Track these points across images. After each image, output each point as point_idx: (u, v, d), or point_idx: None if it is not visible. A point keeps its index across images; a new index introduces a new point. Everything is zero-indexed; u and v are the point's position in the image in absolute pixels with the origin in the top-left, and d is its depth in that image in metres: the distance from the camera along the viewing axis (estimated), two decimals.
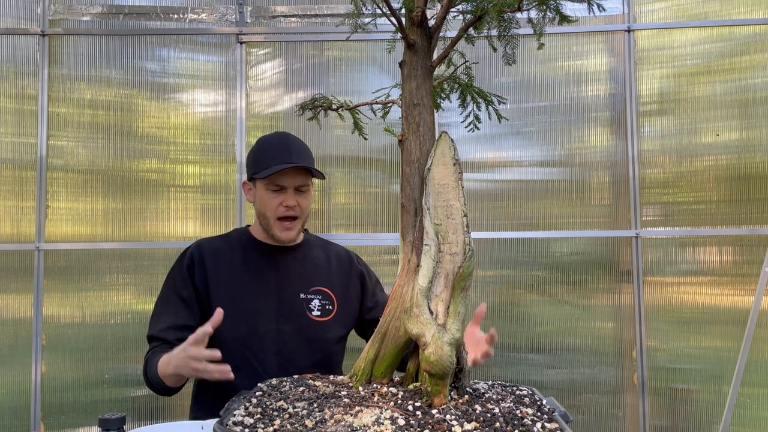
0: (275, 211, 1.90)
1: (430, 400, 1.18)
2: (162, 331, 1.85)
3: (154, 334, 1.88)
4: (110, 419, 1.34)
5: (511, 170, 2.94)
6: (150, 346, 1.88)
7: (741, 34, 2.86)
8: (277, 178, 1.88)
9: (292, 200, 1.89)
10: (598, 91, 2.93)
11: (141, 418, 2.81)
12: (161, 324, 1.87)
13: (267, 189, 1.90)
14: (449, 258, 1.25)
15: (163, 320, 1.87)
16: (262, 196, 1.92)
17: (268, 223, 1.92)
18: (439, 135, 1.33)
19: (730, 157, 2.84)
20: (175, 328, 1.86)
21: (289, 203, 1.89)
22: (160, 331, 1.86)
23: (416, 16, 1.34)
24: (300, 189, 1.92)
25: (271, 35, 2.96)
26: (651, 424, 2.82)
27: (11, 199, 2.85)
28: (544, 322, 2.89)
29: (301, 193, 1.92)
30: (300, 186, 1.91)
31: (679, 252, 2.87)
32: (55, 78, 2.89)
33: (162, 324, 1.87)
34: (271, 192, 1.90)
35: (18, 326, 2.81)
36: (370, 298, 2.06)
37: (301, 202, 1.91)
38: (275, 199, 1.89)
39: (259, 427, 1.10)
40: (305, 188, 1.93)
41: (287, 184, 1.89)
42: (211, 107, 2.94)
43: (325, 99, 1.56)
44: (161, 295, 1.94)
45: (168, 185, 2.91)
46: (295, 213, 1.90)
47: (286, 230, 1.91)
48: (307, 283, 1.95)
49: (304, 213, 1.94)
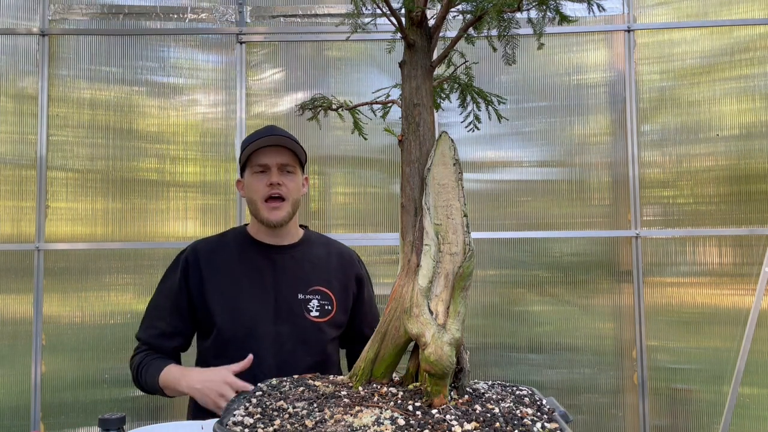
0: (261, 193, 1.88)
1: (430, 400, 1.18)
2: (153, 337, 1.89)
3: (144, 338, 1.91)
4: (110, 419, 1.34)
5: (511, 170, 2.94)
6: (138, 348, 1.92)
7: (741, 34, 2.86)
8: (259, 157, 1.88)
9: (276, 177, 1.88)
10: (597, 91, 2.93)
11: (141, 418, 2.81)
12: (152, 330, 1.90)
13: (252, 173, 1.91)
14: (449, 258, 1.25)
15: (155, 326, 1.90)
16: (249, 182, 1.92)
17: (256, 208, 1.91)
18: (439, 135, 1.33)
19: (730, 157, 2.84)
20: (165, 336, 1.88)
21: (273, 180, 1.87)
22: (151, 337, 1.90)
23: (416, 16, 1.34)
24: (285, 169, 1.90)
25: (271, 35, 2.96)
26: (651, 424, 2.82)
27: (11, 199, 2.85)
28: (544, 322, 2.89)
29: (287, 174, 1.91)
30: (284, 165, 1.90)
31: (679, 252, 2.87)
32: (54, 78, 2.89)
33: (153, 330, 1.90)
34: (257, 174, 1.90)
35: (18, 326, 2.81)
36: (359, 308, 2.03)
37: (286, 182, 1.90)
38: (260, 181, 1.89)
39: (259, 427, 1.10)
40: (291, 168, 1.92)
41: (269, 161, 1.88)
42: (210, 107, 2.94)
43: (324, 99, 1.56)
44: (155, 297, 1.95)
45: (168, 185, 2.91)
46: (281, 192, 1.88)
47: (274, 210, 1.88)
48: (305, 284, 1.93)
49: (291, 195, 1.91)
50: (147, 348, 1.90)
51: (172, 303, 1.89)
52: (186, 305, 1.89)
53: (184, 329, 1.91)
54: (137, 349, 1.92)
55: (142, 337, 1.91)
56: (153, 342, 1.89)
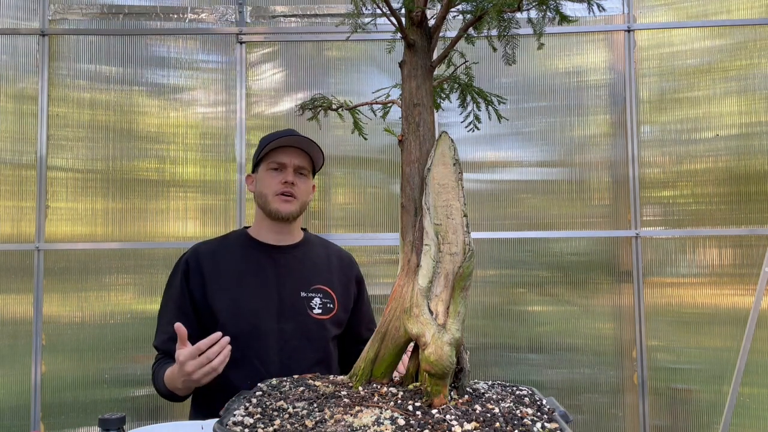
0: (274, 188, 1.92)
1: (430, 400, 1.18)
2: (164, 342, 1.90)
3: (157, 346, 1.93)
4: (110, 419, 1.34)
5: (511, 170, 2.94)
6: (156, 357, 1.94)
7: (741, 34, 2.86)
8: (278, 155, 1.92)
9: (291, 177, 1.92)
10: (597, 91, 2.93)
11: (141, 418, 2.81)
12: (163, 335, 1.91)
13: (268, 169, 1.94)
14: (449, 258, 1.25)
15: (165, 331, 1.91)
16: (262, 177, 1.95)
17: (266, 201, 1.93)
18: (439, 135, 1.33)
19: (730, 157, 2.84)
20: (174, 340, 1.87)
21: (288, 179, 1.91)
22: (162, 343, 1.90)
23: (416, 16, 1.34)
24: (300, 171, 1.95)
25: (271, 35, 2.96)
26: (651, 424, 2.82)
27: (11, 199, 2.85)
28: (544, 322, 2.89)
29: (300, 176, 1.95)
30: (300, 167, 1.94)
31: (679, 252, 2.87)
32: (54, 78, 2.89)
33: (163, 335, 1.91)
34: (272, 171, 1.93)
35: (18, 326, 2.81)
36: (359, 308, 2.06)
37: (299, 183, 1.94)
38: (275, 178, 1.93)
39: (259, 427, 1.10)
40: (305, 171, 1.96)
41: (287, 161, 1.92)
42: (210, 107, 2.94)
43: (325, 99, 1.56)
44: (162, 303, 1.97)
45: (168, 185, 2.91)
46: (293, 191, 1.92)
47: (285, 202, 1.92)
48: (307, 282, 1.95)
49: (301, 196, 1.95)
50: (162, 355, 1.91)
51: (177, 307, 1.90)
52: (190, 308, 1.90)
53: (190, 331, 1.90)
54: (155, 359, 1.93)
55: (156, 345, 1.92)
56: (165, 348, 1.89)
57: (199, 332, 1.91)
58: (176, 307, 1.90)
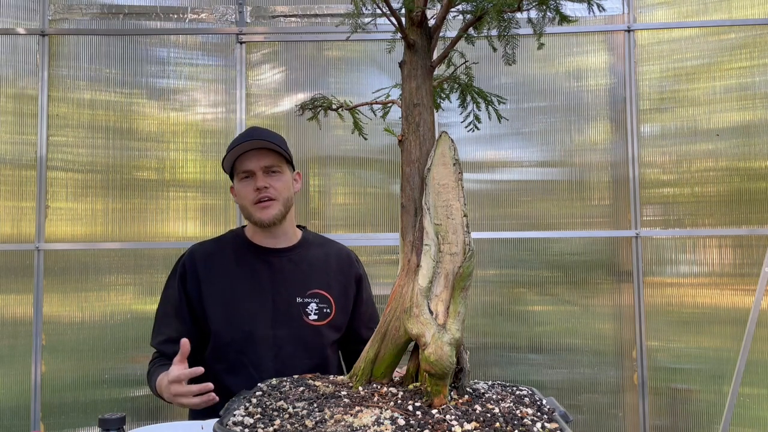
0: (250, 198, 1.88)
1: (430, 400, 1.18)
2: (160, 344, 1.91)
3: (154, 345, 1.94)
4: (110, 419, 1.34)
5: (511, 170, 2.94)
6: (152, 356, 1.95)
7: (741, 34, 2.86)
8: (243, 163, 1.87)
9: (261, 181, 1.86)
10: (598, 91, 2.93)
11: (141, 418, 2.81)
12: (159, 336, 1.92)
13: (240, 180, 1.90)
14: (449, 258, 1.25)
15: (161, 332, 1.91)
16: (238, 189, 1.92)
17: (248, 213, 1.91)
18: (439, 135, 1.33)
19: (730, 157, 2.84)
20: (170, 342, 1.88)
21: (259, 184, 1.86)
22: (159, 344, 1.91)
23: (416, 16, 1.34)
24: (271, 170, 1.89)
25: (271, 35, 2.96)
26: (651, 424, 2.82)
27: (11, 199, 2.85)
28: (544, 322, 2.89)
29: (272, 174, 1.89)
30: (269, 167, 1.88)
31: (679, 252, 2.87)
32: (55, 78, 2.89)
33: (160, 337, 1.91)
34: (243, 180, 1.89)
35: (18, 326, 2.81)
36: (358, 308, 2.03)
37: (273, 183, 1.88)
38: (248, 187, 1.88)
39: (259, 427, 1.10)
40: (277, 168, 1.89)
41: (253, 166, 1.87)
42: (210, 107, 2.94)
43: (325, 99, 1.56)
44: (159, 305, 1.97)
45: (167, 185, 2.91)
46: (268, 194, 1.87)
47: (264, 209, 1.86)
48: (303, 287, 1.92)
49: (281, 195, 1.89)
50: (159, 355, 1.92)
51: (174, 309, 1.90)
52: (187, 310, 1.90)
53: (188, 334, 1.90)
54: (152, 357, 1.95)
55: (153, 345, 1.93)
56: (162, 348, 1.90)
57: (197, 334, 1.91)
58: (174, 310, 1.91)
